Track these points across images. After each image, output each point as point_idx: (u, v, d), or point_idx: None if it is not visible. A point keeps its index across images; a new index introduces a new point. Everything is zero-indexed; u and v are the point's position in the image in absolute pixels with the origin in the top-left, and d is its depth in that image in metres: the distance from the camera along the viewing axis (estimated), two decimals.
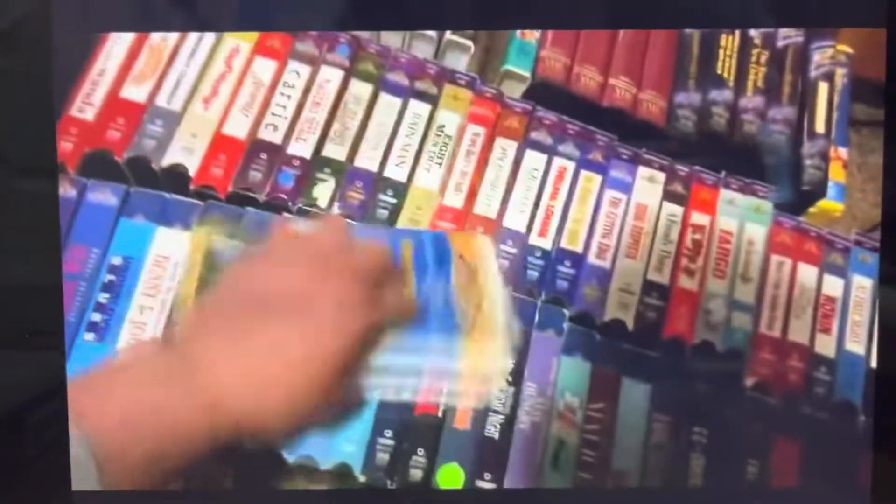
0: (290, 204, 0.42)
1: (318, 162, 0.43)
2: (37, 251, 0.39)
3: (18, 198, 0.39)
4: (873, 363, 0.42)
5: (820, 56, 0.45)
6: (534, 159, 0.44)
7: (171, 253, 0.40)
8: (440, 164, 0.43)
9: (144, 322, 0.40)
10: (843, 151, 0.45)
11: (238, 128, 0.42)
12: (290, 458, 0.40)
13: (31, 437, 0.38)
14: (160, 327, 0.40)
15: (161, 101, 0.42)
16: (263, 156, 0.42)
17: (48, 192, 0.39)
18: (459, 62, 0.46)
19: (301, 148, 0.43)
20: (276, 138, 0.43)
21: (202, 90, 0.43)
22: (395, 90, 0.44)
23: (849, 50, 0.45)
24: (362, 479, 0.40)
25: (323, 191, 0.42)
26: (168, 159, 0.42)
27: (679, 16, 0.43)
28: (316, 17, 0.42)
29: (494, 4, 0.42)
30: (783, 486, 0.41)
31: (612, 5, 0.43)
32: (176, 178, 0.42)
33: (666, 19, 0.44)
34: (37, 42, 0.37)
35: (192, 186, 0.42)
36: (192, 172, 0.42)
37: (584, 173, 0.44)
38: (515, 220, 0.43)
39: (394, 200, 0.43)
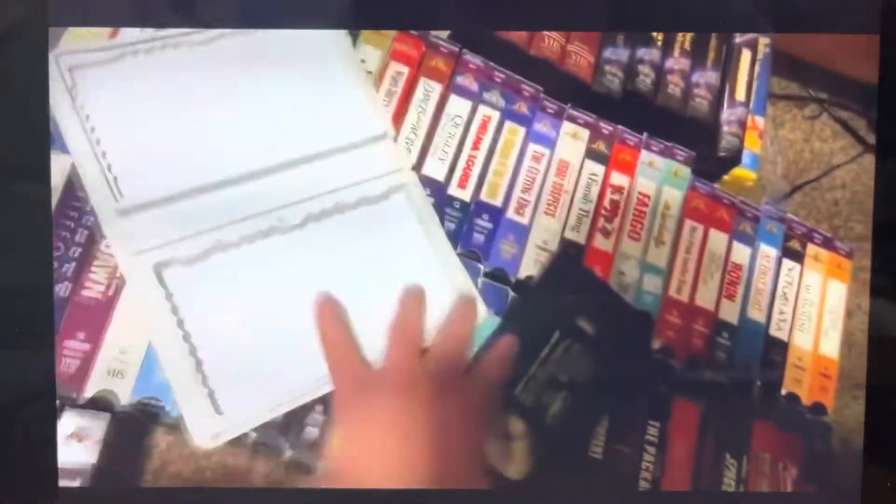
0: None
1: None
2: (27, 251, 0.37)
3: (9, 198, 0.37)
4: (772, 331, 0.44)
5: None
6: (458, 105, 0.42)
7: None
8: None
9: None
10: (759, 121, 0.45)
11: None
12: (173, 413, 0.36)
13: (20, 436, 0.37)
14: None
15: None
16: None
17: (39, 194, 0.36)
18: None
19: None
20: None
21: None
22: None
23: None
24: (252, 435, 0.37)
25: None
26: None
27: (670, 18, 0.42)
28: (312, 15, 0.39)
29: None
30: (679, 448, 0.42)
31: (609, 7, 0.42)
32: None
33: (657, 22, 0.43)
34: (32, 44, 0.36)
35: None
36: None
37: (508, 124, 0.43)
38: (435, 168, 0.41)
39: None
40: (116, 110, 0.37)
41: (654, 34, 0.44)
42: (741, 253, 0.44)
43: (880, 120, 0.41)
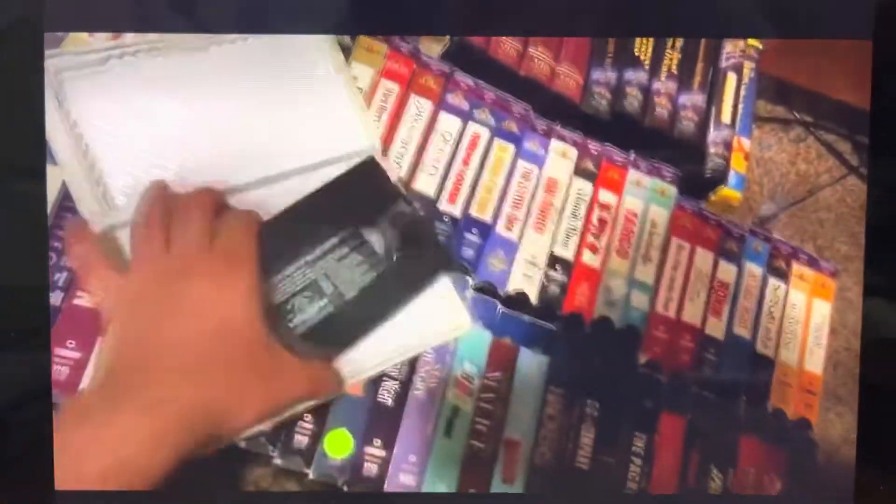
0: None
1: None
2: (23, 251, 0.38)
3: (5, 197, 0.38)
4: (758, 348, 0.44)
5: (731, 47, 0.46)
6: (448, 123, 0.43)
7: None
8: None
9: None
10: (745, 142, 0.46)
11: None
12: None
13: (16, 437, 0.38)
14: None
15: None
16: None
17: (36, 192, 0.37)
18: None
19: None
20: None
21: None
22: None
23: (759, 45, 0.46)
24: (242, 444, 0.38)
25: None
26: None
27: (665, 23, 0.43)
28: (310, 20, 0.40)
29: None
30: (665, 458, 0.42)
31: (601, 12, 0.42)
32: None
33: (652, 26, 0.44)
34: (27, 42, 0.37)
35: None
36: None
37: (497, 142, 0.44)
38: (426, 183, 0.42)
39: None
40: (104, 121, 0.37)
41: (642, 56, 0.45)
42: (727, 271, 0.45)
43: (874, 121, 0.41)
